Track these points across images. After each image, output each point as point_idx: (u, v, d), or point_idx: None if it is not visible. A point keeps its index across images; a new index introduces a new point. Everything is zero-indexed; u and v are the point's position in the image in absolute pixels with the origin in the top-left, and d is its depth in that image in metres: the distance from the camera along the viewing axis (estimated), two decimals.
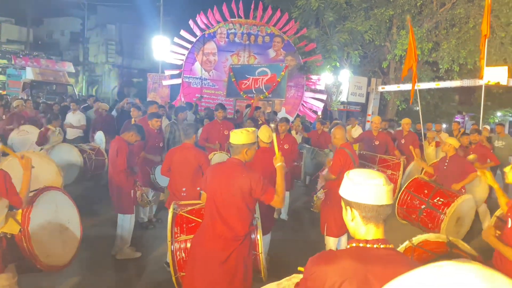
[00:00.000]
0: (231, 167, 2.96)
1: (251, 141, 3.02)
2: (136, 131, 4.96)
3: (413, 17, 14.66)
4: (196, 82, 15.16)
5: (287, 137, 6.60)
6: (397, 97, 16.66)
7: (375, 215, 1.49)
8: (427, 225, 5.27)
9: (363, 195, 1.47)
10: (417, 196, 5.51)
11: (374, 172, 1.53)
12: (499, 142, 9.33)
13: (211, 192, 2.98)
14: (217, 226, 2.91)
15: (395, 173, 6.67)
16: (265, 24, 14.81)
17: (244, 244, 2.96)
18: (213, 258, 2.91)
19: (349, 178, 1.52)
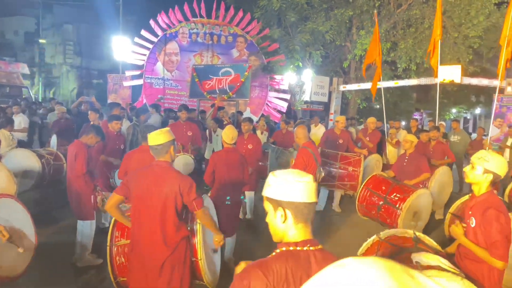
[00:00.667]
0: (161, 170, 2.84)
1: (172, 138, 2.94)
2: (95, 133, 4.81)
3: (372, 17, 15.08)
4: (158, 82, 14.91)
5: (251, 137, 6.60)
6: (358, 96, 17.07)
7: (306, 213, 1.48)
8: (386, 221, 5.43)
9: (296, 194, 1.45)
10: (376, 193, 5.66)
11: (301, 171, 1.53)
12: (454, 137, 9.78)
13: (139, 198, 2.85)
14: (147, 233, 2.82)
15: (356, 169, 6.83)
16: (228, 24, 14.77)
17: (178, 251, 2.88)
18: (147, 266, 2.84)
19: (280, 178, 1.49)
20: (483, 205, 2.65)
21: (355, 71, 16.69)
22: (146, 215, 2.83)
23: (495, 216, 2.56)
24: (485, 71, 17.56)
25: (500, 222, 2.54)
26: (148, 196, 2.81)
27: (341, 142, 7.45)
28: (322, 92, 16.61)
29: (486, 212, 2.60)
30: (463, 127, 32.10)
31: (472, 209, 2.76)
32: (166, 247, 2.81)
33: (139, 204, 2.86)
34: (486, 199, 2.70)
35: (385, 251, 3.11)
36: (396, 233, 3.31)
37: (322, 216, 7.02)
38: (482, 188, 2.74)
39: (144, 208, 2.84)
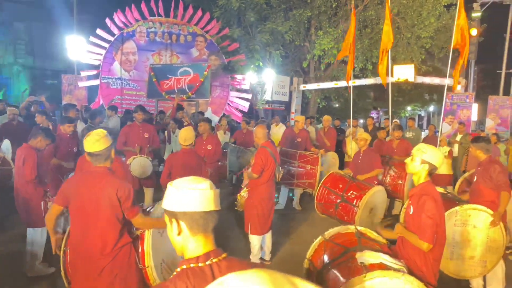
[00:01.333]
0: (99, 177, 2.77)
1: (111, 142, 2.86)
2: (44, 135, 4.61)
3: (329, 18, 15.40)
4: (116, 83, 14.49)
5: (210, 137, 6.55)
6: (317, 95, 17.37)
7: (203, 224, 1.37)
8: (343, 218, 5.54)
9: (189, 203, 1.35)
10: (333, 191, 5.77)
11: (199, 178, 1.42)
12: (409, 134, 10.17)
13: (76, 206, 2.76)
14: (85, 241, 2.74)
15: (314, 168, 6.94)
16: (187, 23, 14.57)
17: (120, 258, 2.80)
18: (86, 274, 2.76)
19: (173, 186, 1.39)
20: (419, 193, 2.83)
21: (315, 71, 16.97)
22: (84, 223, 2.75)
23: (427, 202, 2.73)
24: (437, 70, 18.38)
25: (430, 207, 2.71)
26: (86, 203, 2.73)
27: (299, 140, 7.56)
28: (283, 92, 16.77)
29: (420, 199, 2.77)
30: (418, 124, 33.48)
31: (411, 198, 2.93)
32: (103, 255, 2.72)
33: (77, 212, 2.77)
34: (423, 188, 2.87)
35: (331, 251, 3.17)
36: (340, 230, 3.39)
37: (283, 215, 7.08)
38: (420, 178, 2.91)
39: (81, 216, 2.75)
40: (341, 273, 2.85)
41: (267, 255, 5.01)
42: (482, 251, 3.99)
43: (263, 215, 4.70)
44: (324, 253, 3.17)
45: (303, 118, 8.06)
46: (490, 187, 4.18)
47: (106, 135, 2.83)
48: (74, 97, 14.66)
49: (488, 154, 4.33)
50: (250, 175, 4.71)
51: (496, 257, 4.01)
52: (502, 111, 15.16)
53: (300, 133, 7.64)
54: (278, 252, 5.39)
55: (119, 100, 14.24)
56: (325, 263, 3.09)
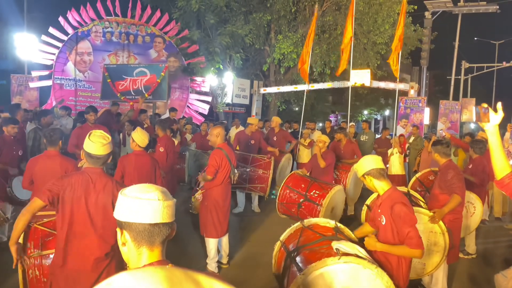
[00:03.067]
0: (96, 177, 2.70)
1: (112, 149, 2.84)
2: None
3: (289, 22, 15.60)
4: (70, 83, 13.93)
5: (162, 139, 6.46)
6: (277, 98, 17.52)
7: (147, 236, 1.27)
8: (306, 217, 5.52)
9: (134, 213, 1.26)
10: (296, 191, 5.78)
11: (151, 186, 1.32)
12: (364, 137, 10.45)
13: (72, 207, 2.64)
14: (85, 244, 2.63)
15: (266, 172, 6.94)
16: (145, 24, 14.26)
17: (118, 259, 2.73)
18: (84, 275, 2.63)
19: (122, 194, 1.31)
20: (389, 202, 2.84)
21: (275, 74, 17.12)
22: (82, 224, 2.64)
23: (401, 210, 2.75)
24: (392, 76, 19.01)
25: (406, 214, 2.74)
26: (85, 204, 2.64)
27: (253, 142, 7.54)
28: (244, 95, 16.80)
29: (393, 208, 2.78)
30: (374, 128, 34.58)
31: (380, 207, 2.94)
32: (106, 256, 2.67)
33: (72, 213, 2.64)
34: (389, 195, 2.89)
35: (307, 237, 3.18)
36: (319, 222, 3.42)
37: (242, 217, 7.03)
38: (378, 188, 2.95)
39: (79, 217, 2.64)
40: (313, 256, 2.84)
41: (225, 258, 4.93)
42: None
43: (217, 218, 4.62)
44: (299, 238, 3.18)
45: (257, 121, 7.98)
46: (445, 191, 4.16)
47: (111, 140, 2.83)
48: (24, 98, 13.95)
49: (447, 158, 4.32)
50: (204, 177, 4.63)
51: (436, 261, 4.02)
52: (452, 115, 15.94)
53: (253, 134, 7.63)
54: (236, 255, 5.33)
55: (73, 101, 13.70)
56: (298, 246, 3.08)
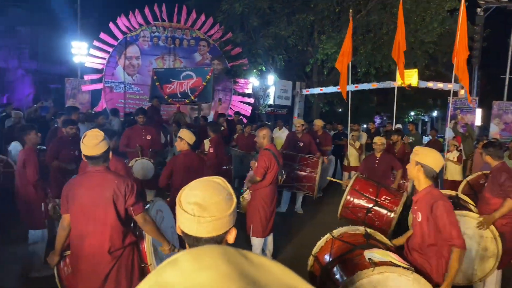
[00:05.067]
0: (98, 176, 2.74)
1: (109, 145, 2.82)
2: (36, 130, 4.72)
3: (333, 22, 15.41)
4: (119, 87, 14.54)
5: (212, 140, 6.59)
6: (320, 99, 17.35)
7: (195, 245, 1.23)
8: (374, 223, 5.32)
9: (179, 220, 1.25)
10: (365, 195, 5.52)
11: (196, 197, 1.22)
12: (410, 138, 10.14)
13: (76, 208, 2.73)
14: (89, 240, 2.71)
15: (313, 171, 6.88)
16: (190, 28, 14.62)
17: (125, 258, 2.79)
18: (91, 277, 2.72)
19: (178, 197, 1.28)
20: (428, 200, 2.77)
21: (317, 75, 16.97)
22: (86, 224, 2.71)
23: (444, 208, 2.68)
24: (441, 75, 18.32)
25: (449, 212, 2.68)
26: (87, 204, 2.70)
27: (301, 145, 7.50)
28: (286, 96, 16.77)
29: (434, 205, 2.70)
30: (421, 130, 33.39)
31: (417, 204, 2.88)
32: (110, 256, 2.70)
33: (77, 214, 2.73)
34: (428, 193, 2.82)
35: (338, 248, 3.15)
36: (348, 230, 3.37)
37: (285, 218, 7.03)
38: (420, 182, 2.86)
39: (83, 218, 2.71)
40: (347, 269, 2.83)
41: (269, 258, 4.96)
42: (470, 259, 3.84)
43: (265, 218, 4.66)
44: (331, 250, 3.15)
45: (300, 121, 7.95)
46: (497, 195, 3.98)
47: (104, 137, 2.77)
48: (77, 101, 14.70)
49: (499, 161, 4.16)
50: (252, 178, 4.67)
51: (488, 266, 3.86)
52: (506, 116, 15.08)
53: (303, 137, 7.59)
54: (279, 255, 5.34)
55: (122, 104, 14.27)
56: (330, 259, 3.07)
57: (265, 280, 0.56)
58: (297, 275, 0.61)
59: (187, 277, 0.54)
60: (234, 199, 1.27)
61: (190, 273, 0.55)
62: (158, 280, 0.55)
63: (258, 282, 0.55)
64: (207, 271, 0.55)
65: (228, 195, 1.25)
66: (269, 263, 0.61)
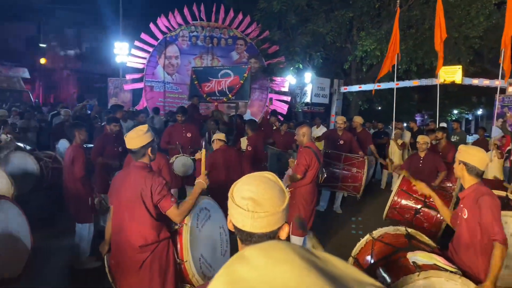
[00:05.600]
0: (134, 172, 2.83)
1: (149, 140, 2.85)
2: (85, 128, 4.94)
3: (372, 18, 15.08)
4: (159, 86, 14.89)
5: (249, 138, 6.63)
6: (359, 97, 17.03)
7: (244, 240, 1.23)
8: (423, 224, 5.16)
9: (232, 215, 1.24)
10: (413, 196, 5.38)
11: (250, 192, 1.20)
12: (454, 137, 9.75)
13: (115, 201, 2.87)
14: (124, 233, 2.82)
15: (360, 171, 6.76)
16: (228, 27, 14.75)
17: (158, 252, 2.85)
18: (128, 268, 2.84)
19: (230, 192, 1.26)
20: (474, 196, 2.72)
21: (356, 73, 16.66)
22: (121, 218, 2.83)
23: (490, 202, 2.63)
24: (486, 72, 17.49)
25: (495, 207, 2.63)
26: (123, 199, 2.82)
27: (342, 143, 7.36)
28: (323, 94, 16.56)
29: (480, 199, 2.66)
30: (465, 128, 32.04)
31: (463, 201, 2.83)
32: (142, 249, 2.78)
33: (116, 207, 2.88)
34: (474, 189, 2.78)
35: (379, 250, 3.07)
36: (389, 230, 3.29)
37: (323, 218, 6.96)
38: (465, 180, 2.84)
39: (119, 211, 2.84)
40: (389, 272, 2.75)
41: None
42: None
43: (305, 216, 4.63)
44: (371, 251, 3.08)
45: (343, 118, 7.70)
46: None
47: (145, 133, 2.83)
48: (119, 99, 15.21)
49: None
50: (293, 176, 4.64)
51: None
52: None
53: (344, 135, 7.44)
54: None
55: (162, 102, 14.60)
56: (372, 262, 3.00)
57: (336, 274, 0.56)
58: (358, 269, 0.60)
59: (262, 272, 0.54)
60: (287, 194, 1.27)
61: (265, 268, 0.54)
62: (232, 277, 0.55)
63: (332, 275, 0.55)
64: (283, 265, 0.54)
65: (280, 190, 1.24)
66: (332, 257, 0.61)
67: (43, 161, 6.77)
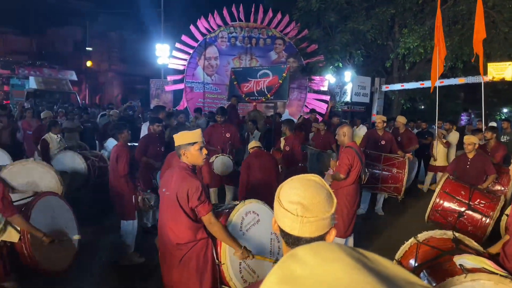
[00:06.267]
0: (177, 172, 2.88)
1: (186, 142, 2.86)
2: (128, 129, 5.11)
3: (415, 15, 14.59)
4: (199, 86, 15.14)
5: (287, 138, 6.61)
6: (401, 96, 16.54)
7: (296, 244, 1.20)
8: (467, 228, 4.95)
9: (279, 218, 1.21)
10: (456, 198, 5.19)
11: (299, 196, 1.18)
12: (504, 137, 9.23)
13: (162, 195, 2.97)
14: (166, 231, 2.89)
15: (400, 171, 6.55)
16: (266, 27, 14.77)
17: (197, 249, 2.88)
18: (167, 262, 2.95)
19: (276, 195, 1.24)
20: None
21: (398, 71, 16.19)
22: (163, 215, 2.94)
23: None
24: None
25: None
26: (164, 197, 2.91)
27: (383, 143, 7.17)
28: (364, 93, 16.22)
29: None
30: None
31: None
32: (180, 246, 2.85)
33: (161, 204, 2.98)
34: None
35: (424, 254, 2.96)
36: (435, 234, 3.15)
37: (365, 220, 6.81)
38: None
39: (163, 207, 2.95)
40: (435, 275, 2.64)
41: None
42: None
43: (347, 217, 4.55)
44: (416, 255, 2.97)
45: (381, 117, 7.45)
46: None
47: (183, 134, 2.90)
48: (161, 100, 15.62)
49: None
50: (336, 175, 4.56)
51: None
52: None
53: (385, 135, 7.25)
54: None
55: (201, 103, 14.84)
56: (416, 265, 2.89)
57: (386, 273, 0.56)
58: (406, 270, 0.60)
59: (315, 269, 0.55)
60: (334, 198, 1.23)
61: (317, 266, 0.56)
62: (286, 274, 0.56)
63: (382, 274, 0.55)
64: (334, 263, 0.55)
65: (328, 194, 1.22)
66: (380, 257, 0.61)
67: (90, 160, 7.05)
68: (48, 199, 3.56)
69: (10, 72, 23.11)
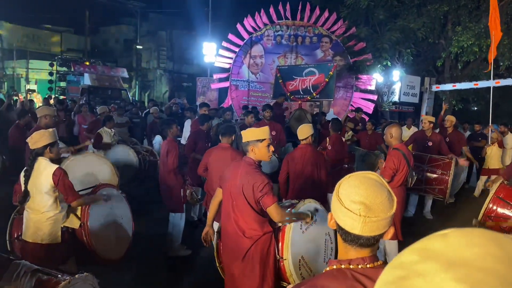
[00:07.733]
0: (243, 166, 2.95)
1: (255, 138, 2.94)
2: (177, 124, 5.30)
3: (470, 12, 13.94)
4: (244, 85, 15.29)
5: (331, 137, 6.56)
6: (453, 96, 15.86)
7: (355, 241, 1.24)
8: None
9: (339, 217, 1.23)
10: (511, 204, 4.91)
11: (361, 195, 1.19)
12: None
13: (227, 189, 3.01)
14: (230, 223, 2.96)
15: (445, 173, 6.30)
16: (313, 25, 14.65)
17: (260, 244, 2.91)
18: (231, 254, 3.00)
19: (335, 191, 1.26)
20: None
21: (450, 70, 15.54)
22: (229, 206, 2.99)
23: None
24: None
25: None
26: (229, 188, 2.98)
27: (430, 144, 6.91)
28: (413, 93, 15.71)
29: None
30: None
31: None
32: (245, 238, 2.90)
33: (225, 195, 3.04)
34: None
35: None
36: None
37: (412, 223, 6.63)
38: None
39: (227, 200, 3.01)
40: None
41: None
42: None
43: (394, 222, 4.45)
44: None
45: (429, 118, 7.16)
46: None
47: (253, 131, 3.04)
48: (206, 98, 15.91)
49: None
50: None
51: None
52: None
53: (433, 136, 6.99)
54: None
55: (246, 101, 14.99)
56: None
57: None
58: None
59: (452, 249, 0.58)
60: (395, 198, 1.24)
61: (457, 247, 0.58)
62: (426, 246, 0.62)
63: None
64: (474, 248, 0.57)
65: (388, 193, 1.23)
66: None
67: (141, 154, 7.35)
68: (106, 190, 3.77)
69: (67, 69, 24.48)
